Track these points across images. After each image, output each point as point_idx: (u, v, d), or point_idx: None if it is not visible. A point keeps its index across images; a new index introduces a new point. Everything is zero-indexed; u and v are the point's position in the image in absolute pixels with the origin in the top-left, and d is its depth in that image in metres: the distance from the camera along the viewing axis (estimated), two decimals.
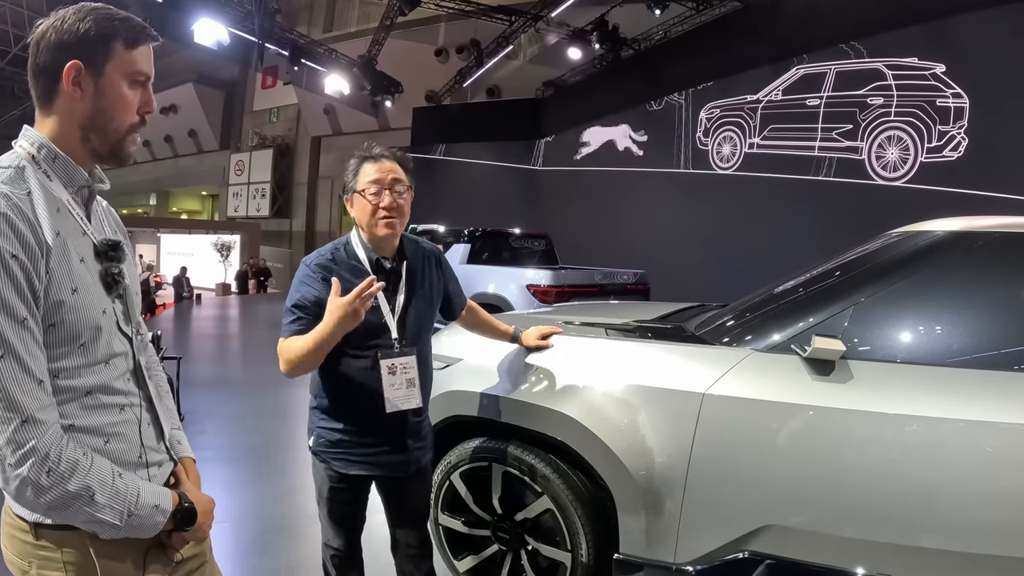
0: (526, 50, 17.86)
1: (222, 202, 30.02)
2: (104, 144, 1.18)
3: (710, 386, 1.97)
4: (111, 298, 1.19)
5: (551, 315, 3.32)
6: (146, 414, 1.27)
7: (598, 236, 14.46)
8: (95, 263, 1.17)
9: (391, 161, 1.97)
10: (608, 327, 2.63)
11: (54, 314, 1.07)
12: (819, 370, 1.88)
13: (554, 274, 8.04)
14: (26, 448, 1.01)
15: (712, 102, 12.15)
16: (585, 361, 2.32)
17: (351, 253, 2.00)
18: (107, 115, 1.16)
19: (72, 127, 1.15)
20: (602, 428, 2.10)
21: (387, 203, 1.92)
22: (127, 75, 1.16)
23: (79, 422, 1.12)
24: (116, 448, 1.17)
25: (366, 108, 20.72)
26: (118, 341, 1.20)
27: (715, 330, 2.28)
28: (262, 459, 4.65)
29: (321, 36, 21.40)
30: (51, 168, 1.15)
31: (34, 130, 1.16)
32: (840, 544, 1.81)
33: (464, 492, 2.52)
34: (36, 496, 1.03)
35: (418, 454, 2.07)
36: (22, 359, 1.01)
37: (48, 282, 1.06)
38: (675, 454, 1.99)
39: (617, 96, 14.31)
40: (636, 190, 13.98)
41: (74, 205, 1.17)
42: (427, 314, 2.08)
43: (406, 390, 1.94)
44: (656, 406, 2.06)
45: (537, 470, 2.29)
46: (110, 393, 1.17)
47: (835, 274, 2.21)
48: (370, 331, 1.91)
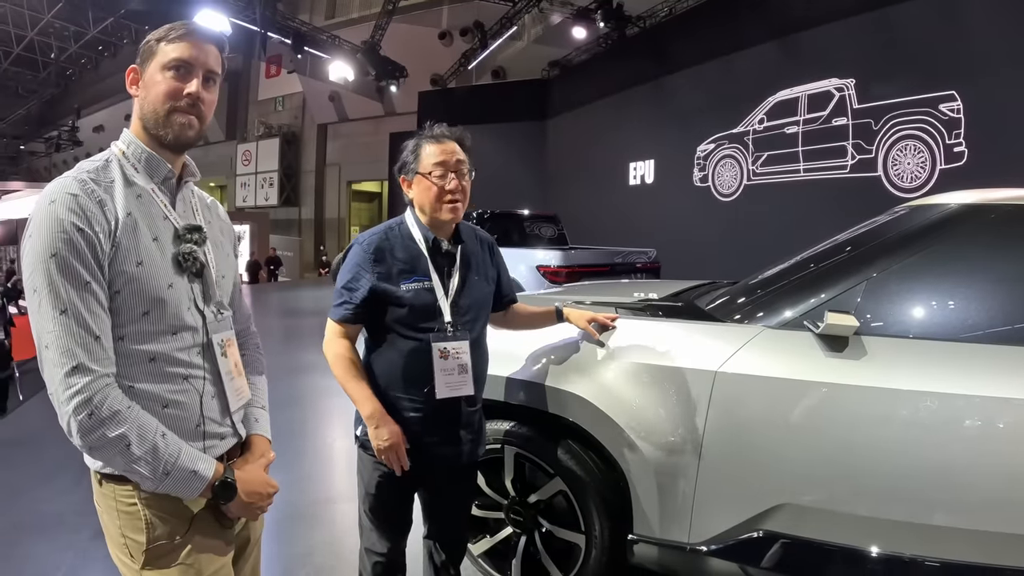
0: (530, 31, 17.72)
1: (230, 192, 30.05)
2: (155, 128, 1.31)
3: (722, 364, 1.96)
4: (183, 277, 1.32)
5: (561, 295, 3.32)
6: (210, 387, 1.36)
7: (608, 215, 14.43)
8: (171, 244, 1.31)
9: (453, 141, 1.90)
10: (618, 306, 2.62)
11: (118, 282, 1.22)
12: (832, 346, 1.86)
13: (564, 254, 8.00)
14: (73, 389, 1.14)
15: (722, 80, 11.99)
16: (592, 339, 2.30)
17: (406, 233, 1.93)
18: (148, 103, 1.31)
19: (138, 122, 1.33)
20: (614, 408, 2.10)
21: (453, 186, 1.85)
22: (163, 65, 1.29)
23: (140, 385, 1.25)
24: (174, 414, 1.28)
25: (371, 94, 20.66)
26: (190, 316, 1.32)
27: (726, 307, 2.27)
28: (276, 446, 4.63)
29: (323, 23, 21.29)
30: (138, 161, 1.32)
31: (128, 131, 1.35)
32: (855, 522, 1.80)
33: (478, 474, 2.52)
34: (79, 434, 1.16)
35: (470, 447, 1.97)
36: (81, 315, 1.16)
37: (114, 254, 1.21)
38: (688, 433, 1.98)
39: (624, 75, 14.16)
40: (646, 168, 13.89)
41: (158, 193, 1.33)
42: (483, 300, 2.00)
43: (458, 376, 1.86)
44: (668, 385, 2.05)
45: (549, 451, 2.29)
46: (173, 363, 1.29)
47: (846, 249, 2.19)
48: (423, 313, 1.85)
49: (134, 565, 1.29)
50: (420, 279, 1.87)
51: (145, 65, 1.31)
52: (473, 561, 2.58)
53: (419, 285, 1.86)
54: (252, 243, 24.51)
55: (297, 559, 3.04)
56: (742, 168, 11.51)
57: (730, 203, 11.79)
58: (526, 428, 2.36)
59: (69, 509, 3.50)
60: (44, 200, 1.20)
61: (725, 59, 11.79)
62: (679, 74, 12.81)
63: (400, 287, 1.85)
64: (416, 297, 1.85)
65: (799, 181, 10.39)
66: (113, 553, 1.34)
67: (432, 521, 2.10)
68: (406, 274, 1.86)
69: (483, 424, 2.07)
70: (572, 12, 14.51)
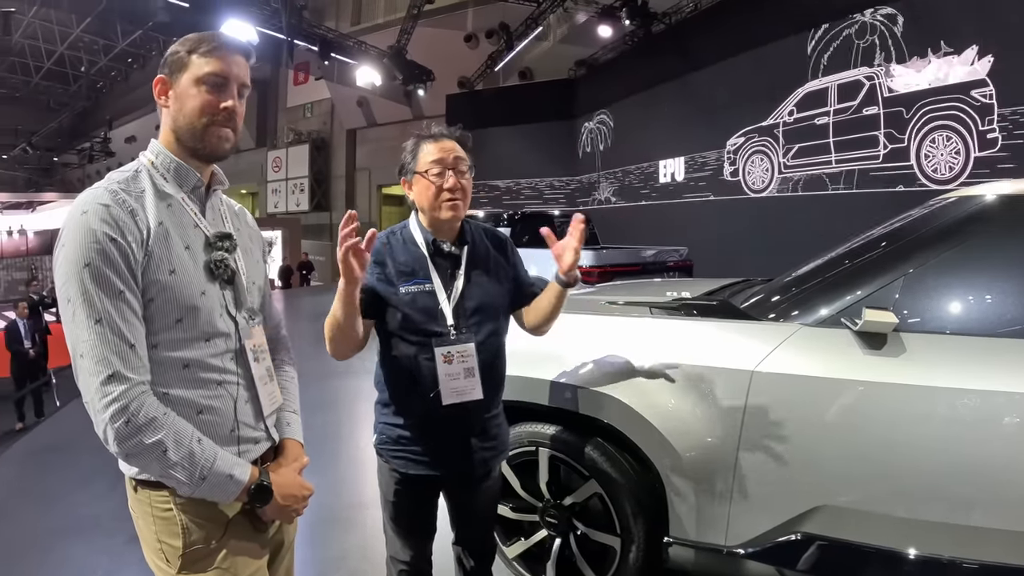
0: (556, 31, 17.66)
1: (261, 199, 30.42)
2: (191, 141, 1.33)
3: (759, 363, 1.93)
4: (215, 283, 1.33)
5: (594, 295, 3.29)
6: (244, 392, 1.38)
7: (639, 214, 14.34)
8: (202, 252, 1.33)
9: (451, 140, 1.86)
10: (652, 305, 2.59)
11: (151, 290, 1.23)
12: (870, 344, 1.82)
13: (596, 254, 7.95)
14: (109, 398, 1.16)
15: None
16: (630, 341, 2.29)
17: (408, 236, 1.90)
18: (182, 115, 1.31)
19: (169, 133, 1.34)
20: (649, 409, 2.08)
21: (451, 184, 1.81)
22: (197, 78, 1.30)
23: (174, 391, 1.26)
24: (208, 420, 1.30)
25: (399, 98, 20.76)
26: (222, 322, 1.34)
27: (762, 305, 2.23)
28: (309, 451, 4.68)
29: (349, 29, 21.45)
30: (167, 172, 1.34)
31: (156, 142, 1.36)
32: (894, 523, 1.76)
33: (512, 477, 2.51)
34: (115, 442, 1.17)
35: (485, 455, 1.91)
36: (115, 325, 1.17)
37: (147, 263, 1.22)
38: (725, 434, 1.95)
39: (651, 72, 14.04)
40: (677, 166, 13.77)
41: (188, 202, 1.35)
42: (494, 301, 1.92)
43: (464, 380, 1.80)
44: (704, 385, 2.02)
45: (584, 454, 2.27)
46: (207, 369, 1.30)
47: (883, 244, 2.14)
48: (424, 316, 1.81)
49: (170, 570, 1.31)
50: (420, 282, 1.84)
51: (176, 76, 1.32)
52: (507, 564, 2.57)
53: (419, 288, 1.83)
54: (284, 248, 24.85)
55: (331, 563, 3.06)
56: (773, 161, 11.34)
57: (762, 198, 11.61)
58: (560, 430, 2.35)
59: (105, 513, 3.57)
60: (76, 211, 1.21)
61: (753, 52, 11.60)
62: (707, 69, 12.64)
63: (399, 290, 1.82)
64: (415, 300, 1.82)
65: (831, 173, 10.20)
66: (149, 558, 1.35)
67: (458, 527, 2.08)
68: (406, 276, 1.84)
69: (503, 431, 2.00)
70: (597, 11, 14.43)
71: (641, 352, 2.20)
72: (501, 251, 2.00)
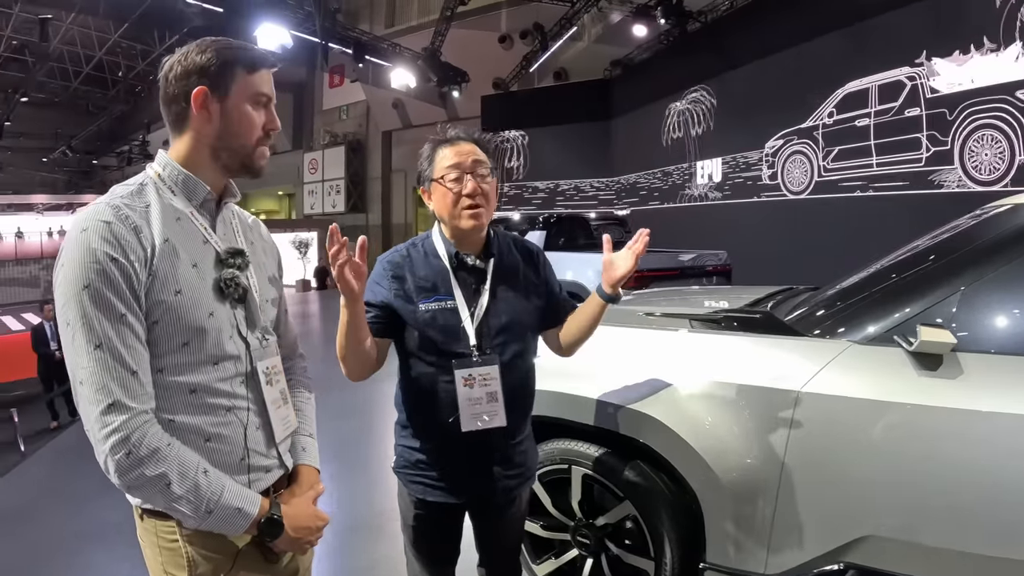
0: (590, 30, 17.52)
1: (298, 200, 30.78)
2: (234, 160, 1.29)
3: (805, 383, 1.82)
4: (225, 303, 1.27)
5: (630, 305, 3.20)
6: (255, 418, 1.31)
7: (677, 216, 14.13)
8: (212, 270, 1.26)
9: (469, 143, 1.74)
10: (692, 318, 2.49)
11: (155, 312, 1.17)
12: (925, 364, 1.71)
13: None
14: (109, 428, 1.10)
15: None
16: (668, 357, 2.20)
17: (430, 248, 1.78)
18: (234, 133, 1.27)
19: (202, 146, 1.27)
20: (687, 429, 1.98)
21: (470, 189, 1.68)
22: (250, 97, 1.27)
23: (181, 418, 1.20)
24: (217, 448, 1.24)
25: (434, 100, 20.81)
26: (232, 344, 1.27)
27: (808, 319, 2.12)
28: (340, 457, 4.70)
29: (383, 32, 21.58)
30: (175, 184, 1.27)
31: (164, 153, 1.30)
32: (946, 558, 1.64)
33: (543, 494, 2.44)
34: (116, 474, 1.12)
35: (509, 483, 1.79)
36: (117, 350, 1.11)
37: (151, 283, 1.16)
38: (767, 457, 1.85)
39: (687, 72, 13.84)
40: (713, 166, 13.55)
41: (197, 216, 1.28)
42: (522, 319, 1.79)
43: (487, 405, 1.68)
44: (746, 405, 1.92)
45: (619, 474, 2.19)
46: (215, 394, 1.24)
47: (936, 255, 2.02)
48: (445, 335, 1.70)
49: None
50: (441, 298, 1.72)
51: (221, 91, 1.25)
52: None
53: (439, 305, 1.71)
54: (320, 250, 25.12)
55: (359, 572, 3.02)
56: (812, 164, 11.07)
57: (801, 201, 11.34)
58: (594, 448, 2.27)
59: (128, 520, 3.58)
60: (76, 228, 1.15)
61: (791, 51, 11.33)
62: (744, 68, 12.40)
63: (419, 307, 1.71)
64: (435, 318, 1.70)
65: (872, 176, 9.91)
66: None
67: (482, 551, 1.99)
68: (426, 292, 1.72)
69: (530, 456, 1.89)
70: (631, 10, 14.25)
71: (680, 369, 2.11)
72: (531, 264, 1.88)
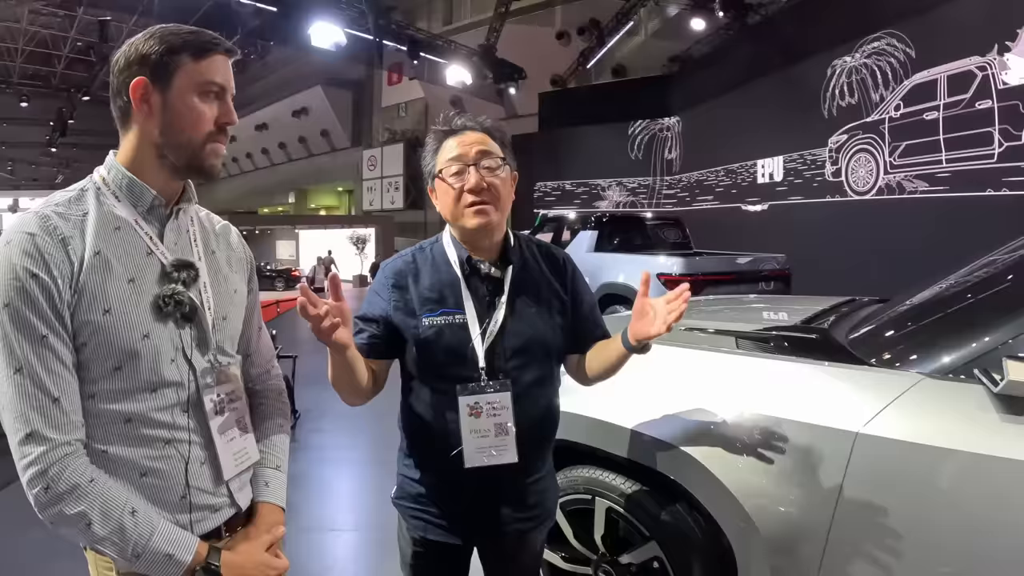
0: (647, 25, 17.11)
1: (357, 197, 31.18)
2: (181, 159, 1.16)
3: (866, 423, 1.52)
4: (167, 323, 1.14)
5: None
6: (199, 452, 1.18)
7: (735, 217, 13.60)
8: (154, 285, 1.14)
9: (477, 131, 1.52)
10: (739, 335, 2.21)
11: (83, 333, 1.07)
12: (1013, 408, 1.40)
13: (686, 261, 7.42)
14: (27, 460, 1.02)
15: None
16: (711, 382, 1.94)
17: (439, 253, 1.57)
18: (177, 129, 1.13)
19: (146, 145, 1.15)
20: (724, 469, 1.71)
21: (473, 183, 1.46)
22: (196, 86, 1.14)
23: (115, 450, 1.10)
24: (154, 484, 1.13)
25: (491, 97, 20.72)
26: (173, 369, 1.15)
27: (872, 343, 1.82)
28: (378, 461, 4.57)
29: (441, 29, 21.60)
30: (119, 189, 1.16)
31: (112, 155, 1.19)
32: None
33: (564, 524, 2.20)
34: (37, 507, 1.04)
35: (521, 526, 1.57)
36: (37, 375, 1.02)
37: (77, 301, 1.06)
38: (815, 507, 1.56)
39: (747, 66, 13.25)
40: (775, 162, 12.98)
41: (143, 225, 1.16)
42: (543, 339, 1.55)
43: (495, 439, 1.45)
44: (794, 445, 1.63)
45: (646, 511, 1.94)
46: (152, 425, 1.12)
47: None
48: (450, 355, 1.48)
49: None
50: (449, 312, 1.50)
51: (163, 83, 1.12)
52: None
53: (446, 319, 1.49)
54: (378, 245, 25.39)
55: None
56: (878, 161, 10.43)
57: (867, 200, 10.70)
58: (621, 480, 2.03)
59: None
60: (1, 241, 1.06)
61: (854, 42, 10.71)
62: (806, 62, 11.77)
63: (422, 321, 1.50)
64: (441, 335, 1.49)
65: (941, 173, 9.25)
66: None
67: None
68: (432, 304, 1.51)
69: (548, 496, 1.65)
70: (689, 3, 13.80)
71: (723, 398, 1.83)
72: (559, 275, 1.62)
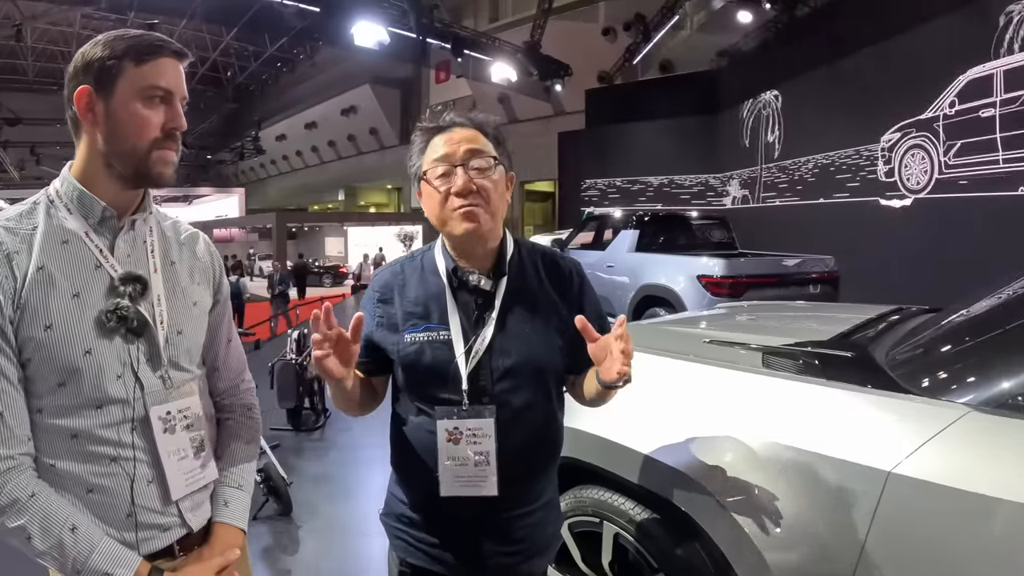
0: (693, 19, 16.72)
1: (405, 195, 31.39)
2: (127, 167, 1.14)
3: (899, 462, 1.32)
4: (113, 338, 1.13)
5: (706, 324, 2.72)
6: (146, 470, 1.16)
7: (785, 216, 13.14)
8: (101, 299, 1.13)
9: (467, 128, 1.39)
10: (767, 350, 2.02)
11: (27, 349, 1.07)
12: None
13: (728, 262, 7.05)
14: None
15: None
16: (732, 405, 1.76)
17: (429, 264, 1.45)
18: (121, 137, 1.12)
19: (95, 155, 1.14)
20: (737, 502, 1.53)
21: (460, 186, 1.32)
22: (139, 91, 1.11)
23: (62, 465, 1.10)
24: (100, 500, 1.13)
25: (539, 94, 20.63)
26: (118, 386, 1.13)
27: (914, 366, 1.61)
28: None
29: (487, 27, 21.56)
30: (71, 202, 1.15)
31: (66, 167, 1.18)
32: None
33: (572, 546, 2.05)
34: None
35: (504, 561, 1.41)
36: None
37: (20, 317, 1.06)
38: (836, 553, 1.36)
39: (796, 60, 12.76)
40: None
41: (93, 237, 1.15)
42: (538, 359, 1.40)
43: (473, 468, 1.33)
44: (816, 482, 1.44)
45: (656, 542, 1.76)
46: (97, 442, 1.12)
47: None
48: (431, 375, 1.36)
49: None
50: (433, 327, 1.38)
51: (107, 90, 1.10)
52: None
53: (429, 336, 1.37)
54: (424, 243, 25.51)
55: None
56: (932, 160, 9.90)
57: (921, 200, 10.17)
58: (631, 504, 1.86)
59: None
60: None
61: (908, 34, 10.13)
62: (857, 55, 11.22)
63: (403, 337, 1.38)
64: (422, 353, 1.36)
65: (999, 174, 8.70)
66: None
67: None
68: (415, 320, 1.39)
69: (541, 530, 1.48)
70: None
71: (744, 424, 1.65)
72: (563, 288, 1.46)
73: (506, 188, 1.43)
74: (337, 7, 12.84)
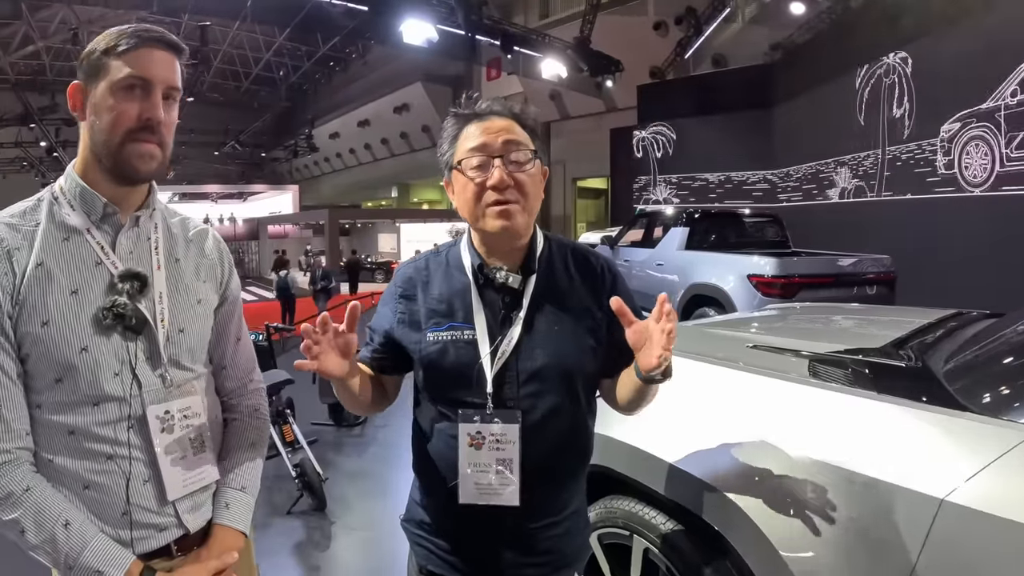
0: (743, 11, 16.30)
1: None
2: (107, 161, 1.13)
3: (953, 489, 1.19)
4: (111, 336, 1.13)
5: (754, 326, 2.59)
6: (142, 469, 1.16)
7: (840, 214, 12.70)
8: (100, 296, 1.13)
9: (504, 118, 1.31)
10: (814, 358, 1.89)
11: (25, 345, 1.09)
12: None
13: (779, 262, 6.81)
14: None
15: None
16: (773, 417, 1.64)
17: (454, 259, 1.39)
18: (99, 129, 1.12)
19: (88, 151, 1.15)
20: (774, 525, 1.42)
21: (496, 179, 1.25)
22: (114, 84, 1.10)
23: (59, 460, 1.12)
24: (96, 497, 1.13)
25: (590, 90, 20.50)
26: (115, 384, 1.13)
27: (974, 379, 1.48)
28: None
29: (538, 23, 21.48)
30: (74, 199, 1.16)
31: (71, 164, 1.19)
32: None
33: (601, 557, 1.98)
34: None
35: (530, 572, 1.35)
36: None
37: (19, 313, 1.08)
38: None
39: (852, 51, 12.24)
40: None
41: (95, 234, 1.16)
42: (567, 362, 1.32)
43: (495, 476, 1.27)
44: (860, 506, 1.32)
45: (686, 559, 1.67)
46: (94, 439, 1.13)
47: None
48: (455, 376, 1.30)
49: None
50: (457, 326, 1.31)
51: (92, 83, 1.12)
52: None
53: (453, 335, 1.31)
54: None
55: None
56: (994, 152, 9.38)
57: (981, 196, 9.66)
58: (662, 518, 1.77)
59: None
60: None
61: (967, 22, 9.62)
62: (915, 44, 10.74)
63: (426, 335, 1.32)
64: (445, 353, 1.30)
65: None
66: None
67: None
68: (438, 318, 1.33)
69: (568, 540, 1.40)
70: None
71: (785, 438, 1.53)
72: (595, 288, 1.37)
73: (540, 182, 1.35)
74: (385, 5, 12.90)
